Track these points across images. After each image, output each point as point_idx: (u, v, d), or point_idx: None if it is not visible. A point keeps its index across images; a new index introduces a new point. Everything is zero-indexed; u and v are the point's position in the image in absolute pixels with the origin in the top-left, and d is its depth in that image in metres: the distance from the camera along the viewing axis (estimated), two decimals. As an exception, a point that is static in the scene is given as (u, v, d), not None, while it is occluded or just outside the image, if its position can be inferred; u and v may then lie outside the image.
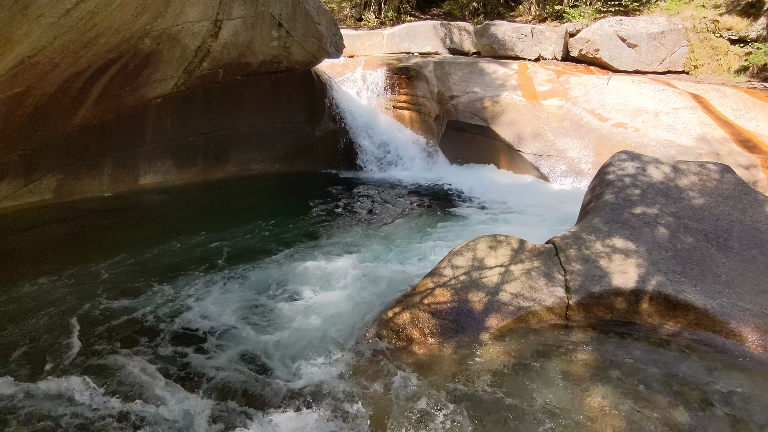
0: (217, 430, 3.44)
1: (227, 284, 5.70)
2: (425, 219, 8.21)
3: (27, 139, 7.58)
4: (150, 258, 6.39)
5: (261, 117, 10.82)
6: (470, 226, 7.78)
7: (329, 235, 7.35)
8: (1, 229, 7.09)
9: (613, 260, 4.80)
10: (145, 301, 5.30)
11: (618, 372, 3.81)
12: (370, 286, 5.48)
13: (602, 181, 5.85)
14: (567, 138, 10.34)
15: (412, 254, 6.52)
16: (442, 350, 4.16)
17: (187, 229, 7.37)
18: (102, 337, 4.63)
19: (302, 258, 6.43)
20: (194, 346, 4.52)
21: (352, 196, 9.58)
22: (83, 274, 5.84)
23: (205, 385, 3.97)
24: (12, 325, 4.78)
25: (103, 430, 3.46)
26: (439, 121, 12.14)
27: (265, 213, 8.25)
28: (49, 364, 4.20)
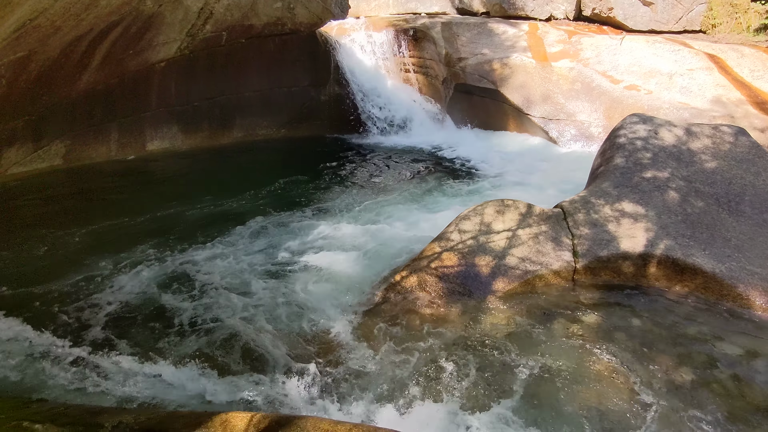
0: (227, 388, 3.53)
1: (233, 247, 5.75)
2: (432, 183, 8.17)
3: (33, 104, 7.54)
4: (157, 221, 6.44)
5: (265, 81, 10.66)
6: (478, 191, 7.73)
7: (336, 199, 7.35)
8: (14, 194, 7.15)
9: (622, 224, 4.77)
10: (150, 261, 5.36)
11: (623, 334, 3.85)
12: (378, 249, 5.50)
13: (613, 145, 5.75)
14: (577, 101, 10.12)
15: (419, 218, 6.52)
16: (448, 313, 4.20)
17: (194, 193, 7.39)
18: (108, 294, 4.72)
19: (309, 222, 6.46)
20: (199, 307, 4.59)
21: (359, 161, 9.53)
22: (91, 235, 5.92)
23: (210, 345, 4.06)
24: (26, 280, 4.88)
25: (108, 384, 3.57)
26: (446, 84, 11.91)
27: (271, 178, 8.24)
28: (58, 313, 4.31)
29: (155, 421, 2.55)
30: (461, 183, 8.22)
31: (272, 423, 2.44)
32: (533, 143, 10.31)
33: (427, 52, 12.03)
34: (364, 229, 6.16)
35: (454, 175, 8.64)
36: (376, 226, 6.30)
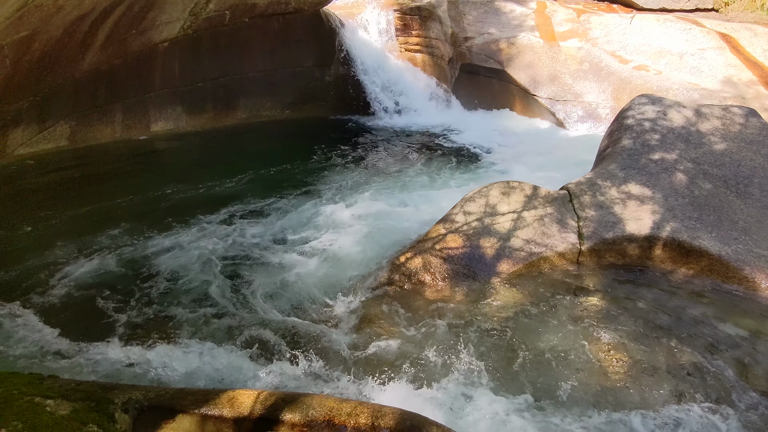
0: (232, 367, 3.58)
1: (239, 228, 5.77)
2: (437, 165, 8.13)
3: (37, 84, 7.53)
4: (161, 200, 6.48)
5: (269, 62, 10.57)
6: (483, 173, 7.70)
7: (340, 181, 7.34)
8: (20, 174, 7.19)
9: (628, 206, 4.75)
10: (154, 240, 5.40)
11: (627, 316, 3.86)
12: (382, 231, 5.51)
13: (620, 126, 5.69)
14: (585, 81, 10.00)
15: (424, 200, 6.51)
16: (453, 294, 4.22)
17: (199, 174, 7.41)
18: (108, 272, 4.77)
19: (313, 204, 6.47)
20: (200, 287, 4.64)
21: (364, 142, 9.48)
22: (95, 214, 5.96)
23: (213, 326, 4.11)
24: (34, 255, 4.94)
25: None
26: (452, 65, 11.77)
27: (276, 159, 8.23)
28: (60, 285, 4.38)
29: (165, 397, 2.60)
30: (466, 164, 8.18)
31: (278, 400, 2.48)
32: (539, 125, 10.23)
33: (433, 32, 11.87)
34: (368, 211, 6.16)
35: (459, 157, 8.60)
36: (380, 207, 6.31)
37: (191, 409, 2.52)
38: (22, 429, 2.31)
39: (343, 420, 2.34)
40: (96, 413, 2.51)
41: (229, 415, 2.47)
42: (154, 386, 2.89)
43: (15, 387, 2.63)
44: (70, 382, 2.82)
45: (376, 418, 2.31)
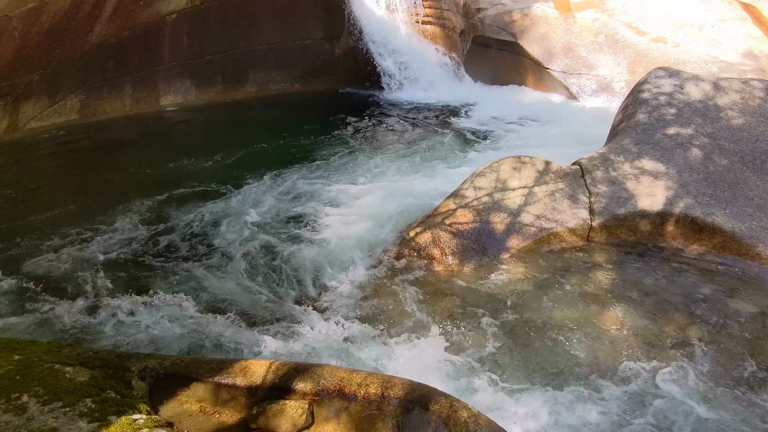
0: (244, 337, 3.65)
1: (248, 200, 5.80)
2: (446, 139, 8.06)
3: (46, 57, 7.51)
4: (172, 174, 6.51)
5: (279, 34, 10.43)
6: (493, 147, 7.63)
7: (349, 155, 7.31)
8: (33, 148, 7.25)
9: (641, 182, 4.69)
10: (166, 212, 5.45)
11: (637, 292, 3.86)
12: (392, 206, 5.51)
13: (635, 100, 5.58)
14: (600, 54, 9.76)
15: (434, 175, 6.48)
16: (462, 269, 4.24)
17: (208, 148, 7.41)
18: (120, 242, 4.84)
19: (324, 178, 6.46)
20: (208, 260, 4.69)
21: (373, 116, 9.40)
22: (106, 186, 6.01)
23: (222, 297, 4.17)
24: (45, 226, 5.02)
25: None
26: (464, 37, 11.54)
27: (285, 134, 8.20)
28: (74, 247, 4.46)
29: (180, 366, 2.67)
30: (476, 139, 8.10)
31: (290, 370, 2.53)
32: (552, 98, 10.05)
33: (445, 3, 11.60)
34: (378, 185, 6.15)
35: (470, 131, 8.51)
36: (389, 182, 6.29)
37: (206, 377, 2.58)
38: (43, 394, 2.39)
39: (353, 390, 2.39)
40: (113, 380, 2.58)
41: (242, 383, 2.53)
42: (169, 355, 2.96)
43: (35, 354, 2.71)
44: (87, 351, 2.90)
45: (386, 388, 2.36)
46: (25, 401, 2.33)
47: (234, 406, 2.49)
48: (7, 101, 7.23)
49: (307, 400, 2.41)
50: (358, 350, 3.49)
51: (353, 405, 2.36)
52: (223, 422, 2.43)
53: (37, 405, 2.33)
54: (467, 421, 2.14)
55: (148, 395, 2.60)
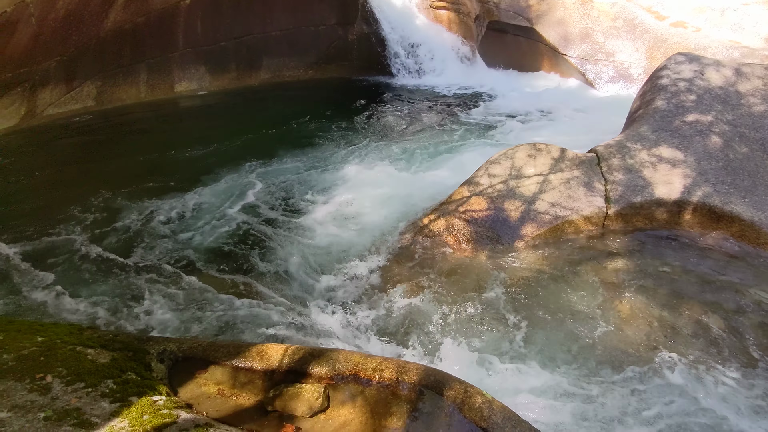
0: (259, 322, 3.70)
1: (261, 187, 5.83)
2: (461, 126, 8.01)
3: (63, 44, 7.57)
4: (186, 159, 6.55)
5: (292, 19, 10.38)
6: (508, 134, 7.56)
7: (363, 142, 7.30)
8: (50, 133, 7.34)
9: (658, 170, 4.63)
10: (179, 195, 5.50)
11: (653, 280, 3.83)
12: (405, 192, 5.51)
13: (654, 86, 5.49)
14: (618, 39, 9.59)
15: (448, 162, 6.45)
16: (476, 256, 4.24)
17: (222, 134, 7.45)
18: (137, 223, 4.91)
19: (337, 164, 6.47)
20: (219, 244, 4.74)
21: (386, 103, 9.36)
22: (121, 170, 6.09)
23: (235, 280, 4.22)
24: (61, 211, 5.11)
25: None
26: (479, 22, 11.39)
27: (298, 120, 8.21)
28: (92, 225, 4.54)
29: (198, 349, 2.71)
30: (491, 126, 8.03)
31: (306, 354, 2.57)
32: (568, 85, 9.92)
33: (460, -13, 11.44)
34: (392, 172, 6.15)
35: (484, 118, 8.44)
36: (403, 169, 6.28)
37: (223, 360, 2.63)
38: (66, 375, 2.45)
39: (368, 374, 2.42)
40: (133, 362, 2.64)
41: (259, 367, 2.57)
42: (187, 338, 3.01)
43: (57, 336, 2.77)
44: (107, 333, 2.96)
45: (401, 373, 2.38)
46: (49, 381, 2.40)
47: (251, 389, 2.54)
48: (25, 88, 7.32)
49: (323, 384, 2.45)
50: (371, 336, 3.52)
51: (368, 389, 2.39)
52: (241, 404, 2.48)
53: (61, 385, 2.40)
54: (481, 407, 2.15)
55: (167, 377, 2.65)
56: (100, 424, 2.17)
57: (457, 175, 5.63)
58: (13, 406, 2.22)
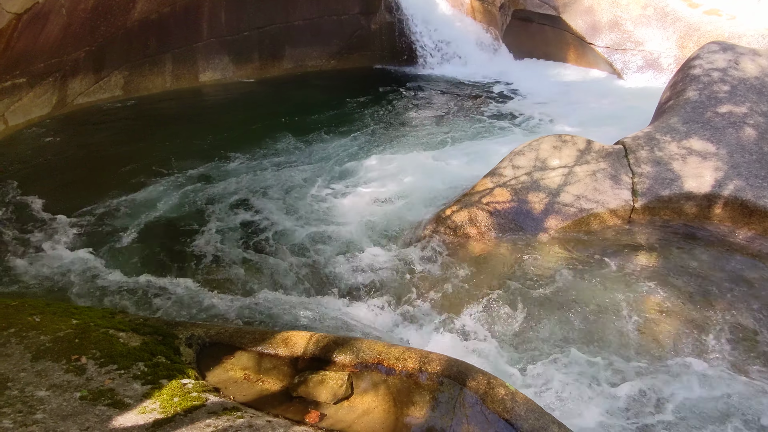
0: (277, 315, 3.76)
1: (283, 176, 5.87)
2: (485, 117, 7.93)
3: (92, 34, 7.71)
4: (210, 147, 6.65)
5: (315, 8, 10.38)
6: (533, 125, 7.46)
7: (386, 133, 7.29)
8: (81, 121, 7.52)
9: (688, 163, 4.53)
10: (204, 184, 5.59)
11: (680, 276, 3.76)
12: (428, 183, 5.50)
13: (685, 77, 5.35)
14: (648, 28, 9.34)
15: (470, 153, 6.41)
16: (498, 248, 4.22)
17: (246, 124, 7.53)
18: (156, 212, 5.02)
19: (360, 155, 6.49)
20: (245, 232, 4.80)
21: (409, 93, 9.31)
22: (151, 155, 6.22)
23: (261, 268, 4.28)
24: (94, 197, 5.25)
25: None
26: (504, 11, 11.21)
27: (322, 110, 8.24)
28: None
29: (224, 335, 2.78)
30: (515, 117, 7.94)
31: (330, 342, 2.60)
32: (595, 75, 9.72)
33: (485, -25, 11.26)
34: (413, 163, 6.13)
35: (509, 109, 8.34)
36: (425, 159, 6.26)
37: (249, 346, 2.68)
38: (100, 357, 2.54)
39: (391, 363, 2.44)
40: (163, 346, 2.72)
41: (283, 353, 2.62)
42: (215, 324, 3.08)
43: (91, 320, 2.87)
44: (138, 318, 3.05)
45: (424, 363, 2.40)
46: (84, 363, 2.49)
47: (276, 375, 2.59)
48: (56, 77, 7.49)
49: (347, 372, 2.48)
50: (394, 325, 3.55)
51: (391, 378, 2.42)
52: (267, 390, 2.53)
53: (95, 366, 2.48)
54: (504, 398, 2.16)
55: (195, 362, 2.72)
56: (132, 405, 2.24)
57: (481, 166, 5.60)
58: (51, 386, 2.31)
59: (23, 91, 7.06)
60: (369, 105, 8.56)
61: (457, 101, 8.86)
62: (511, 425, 2.06)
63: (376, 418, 2.34)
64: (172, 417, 2.17)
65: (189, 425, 2.11)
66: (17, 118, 7.05)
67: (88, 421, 2.12)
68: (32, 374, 2.38)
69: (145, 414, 2.18)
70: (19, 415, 2.11)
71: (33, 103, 7.28)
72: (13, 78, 6.74)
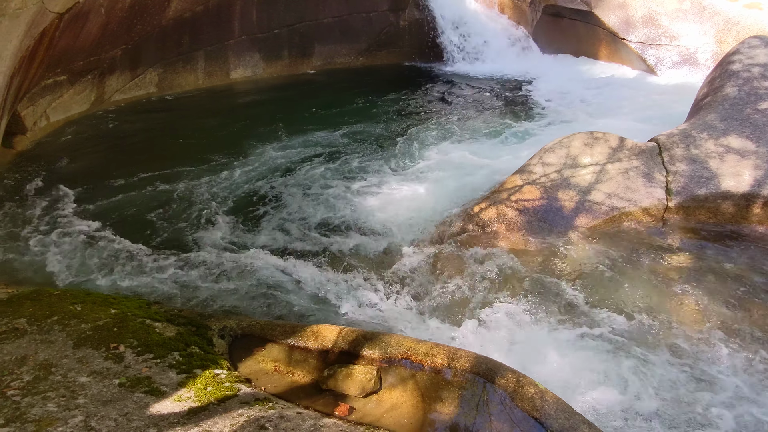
0: (310, 306, 3.81)
1: (315, 173, 5.93)
2: (514, 114, 7.85)
3: (128, 33, 7.93)
4: (244, 142, 6.78)
5: (344, 6, 10.43)
6: (563, 122, 7.35)
7: (415, 129, 7.29)
8: (118, 117, 7.75)
9: (726, 161, 4.39)
10: (238, 178, 5.69)
11: (716, 277, 3.66)
12: (456, 180, 5.48)
13: (724, 72, 5.18)
14: (684, 22, 9.06)
15: (500, 150, 6.36)
16: (527, 246, 4.18)
17: (275, 120, 7.63)
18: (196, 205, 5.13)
19: (388, 150, 6.51)
20: (279, 222, 4.87)
21: (437, 90, 9.28)
22: (187, 148, 6.37)
23: (295, 257, 4.34)
24: (130, 188, 5.41)
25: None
26: (534, 7, 11.05)
27: (350, 106, 8.29)
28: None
29: (256, 327, 2.84)
30: (545, 113, 7.83)
31: (359, 337, 2.64)
32: (627, 72, 9.49)
33: (515, -30, 11.11)
34: (442, 159, 6.12)
35: (538, 105, 8.23)
36: (453, 156, 6.24)
37: (280, 339, 2.74)
38: (137, 346, 2.63)
39: (419, 359, 2.46)
40: (197, 337, 2.80)
41: (313, 347, 2.66)
42: (246, 316, 3.16)
43: (128, 309, 2.97)
44: (172, 308, 3.14)
45: (452, 359, 2.41)
46: (122, 351, 2.58)
47: (306, 368, 2.64)
48: (94, 75, 7.73)
49: (375, 367, 2.51)
50: (421, 322, 3.56)
51: (419, 374, 2.44)
52: (297, 382, 2.58)
53: (132, 355, 2.57)
54: (534, 397, 2.15)
55: (227, 353, 2.79)
56: (168, 393, 2.32)
57: (509, 163, 5.56)
58: (91, 372, 2.41)
59: (64, 88, 7.31)
60: (396, 102, 8.57)
61: (486, 98, 8.79)
62: (540, 424, 2.05)
63: (404, 413, 2.36)
64: (206, 406, 2.24)
65: (222, 414, 2.18)
66: (58, 115, 7.31)
67: (127, 407, 2.20)
68: (74, 360, 2.48)
69: (181, 402, 2.26)
70: (63, 400, 2.21)
71: (73, 100, 7.54)
72: (55, 75, 6.98)
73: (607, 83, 9.02)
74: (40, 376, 2.34)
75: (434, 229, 4.67)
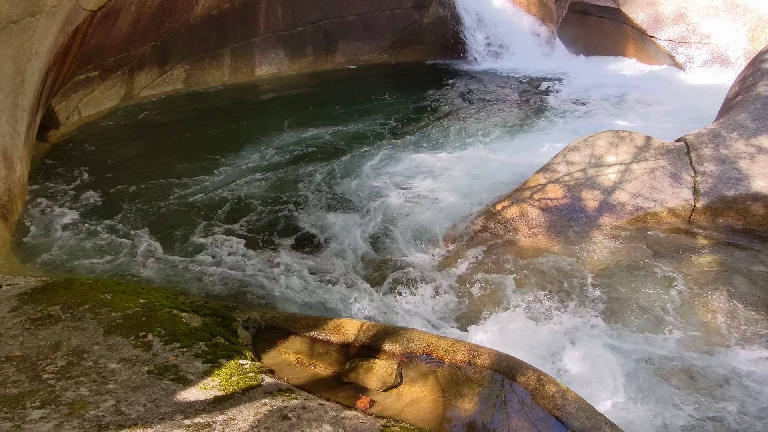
0: (333, 299, 3.86)
1: (337, 172, 5.98)
2: (538, 112, 7.77)
3: (157, 30, 8.09)
4: (266, 138, 6.88)
5: (369, 3, 10.46)
6: (589, 121, 7.25)
7: (438, 127, 7.28)
8: (146, 112, 7.94)
9: (757, 162, 4.29)
10: (261, 173, 5.78)
11: (744, 280, 3.59)
12: (478, 178, 5.46)
13: (757, 71, 5.05)
14: (715, 20, 8.84)
15: (524, 148, 6.31)
16: (550, 244, 4.16)
17: (301, 116, 7.71)
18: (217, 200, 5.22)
19: (410, 149, 6.52)
20: (296, 221, 4.92)
21: (461, 88, 9.24)
22: (214, 142, 6.50)
23: (315, 256, 4.39)
24: (160, 182, 5.53)
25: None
26: (560, 4, 10.90)
27: (374, 104, 8.32)
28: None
29: (279, 319, 2.89)
30: (570, 112, 7.73)
31: (380, 331, 2.67)
32: (655, 70, 9.30)
33: (541, -33, 10.98)
34: (465, 157, 6.10)
35: (563, 103, 8.13)
36: (475, 155, 6.22)
37: (302, 331, 2.79)
38: (164, 335, 2.71)
39: (440, 354, 2.48)
40: (222, 328, 2.86)
41: (335, 340, 2.70)
42: (270, 309, 3.22)
43: (156, 300, 3.05)
44: (199, 299, 3.22)
45: (473, 356, 2.42)
46: (150, 339, 2.66)
47: (328, 360, 2.68)
48: (124, 71, 7.92)
49: (396, 361, 2.54)
50: (442, 318, 3.58)
51: (440, 369, 2.45)
52: (319, 374, 2.63)
53: (160, 344, 2.65)
54: (555, 396, 2.15)
55: (251, 344, 2.85)
56: (194, 381, 2.38)
57: (533, 162, 5.51)
58: (121, 359, 2.49)
59: (95, 84, 7.51)
60: (420, 100, 8.57)
61: (510, 96, 8.72)
62: (561, 423, 2.05)
63: (425, 407, 2.39)
64: (231, 395, 2.29)
65: (247, 403, 2.23)
66: (89, 110, 7.52)
67: (155, 394, 2.27)
68: (105, 347, 2.57)
69: (206, 390, 2.32)
70: (94, 385, 2.29)
71: (103, 95, 7.74)
72: (87, 72, 7.18)
73: (634, 82, 8.87)
74: (73, 361, 2.43)
75: (455, 227, 4.67)
